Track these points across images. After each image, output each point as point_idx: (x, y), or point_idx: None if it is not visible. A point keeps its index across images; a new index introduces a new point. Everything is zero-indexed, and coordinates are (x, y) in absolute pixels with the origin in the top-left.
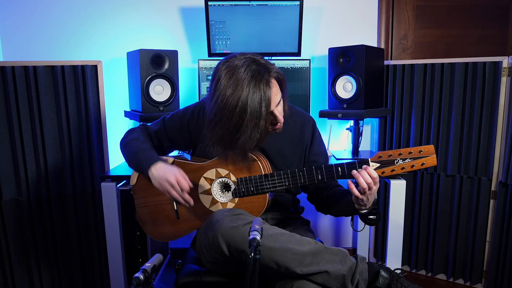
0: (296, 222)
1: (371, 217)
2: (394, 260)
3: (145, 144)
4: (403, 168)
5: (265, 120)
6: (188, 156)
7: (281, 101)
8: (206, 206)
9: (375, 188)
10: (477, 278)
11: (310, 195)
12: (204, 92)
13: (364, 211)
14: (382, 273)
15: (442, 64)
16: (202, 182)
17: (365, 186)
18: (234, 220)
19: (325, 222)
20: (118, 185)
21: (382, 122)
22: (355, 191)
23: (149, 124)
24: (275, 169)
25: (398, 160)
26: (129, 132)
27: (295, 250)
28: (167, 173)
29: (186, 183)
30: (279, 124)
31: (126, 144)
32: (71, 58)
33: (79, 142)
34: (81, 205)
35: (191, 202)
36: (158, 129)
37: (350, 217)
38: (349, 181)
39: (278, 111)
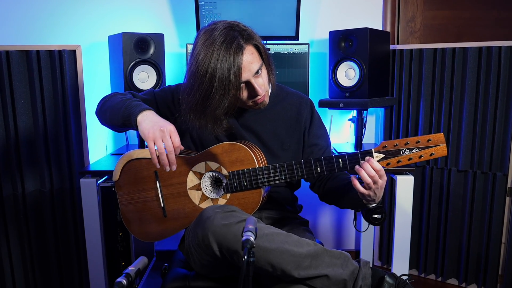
0: (294, 221)
1: (376, 216)
2: (400, 264)
3: (128, 95)
4: (410, 159)
5: (235, 89)
6: None
7: (262, 72)
8: (195, 202)
9: (381, 181)
10: (492, 283)
11: (313, 185)
12: None
13: (373, 205)
14: (387, 279)
15: (453, 48)
16: (191, 176)
17: (369, 180)
18: (226, 217)
19: (325, 222)
20: (98, 181)
21: (388, 112)
22: (360, 187)
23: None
24: (271, 154)
25: (405, 150)
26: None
27: (292, 251)
28: (161, 121)
29: (179, 142)
30: (259, 97)
31: (106, 100)
32: (47, 42)
33: (56, 134)
34: (58, 203)
35: (174, 165)
36: (148, 98)
37: (352, 217)
38: (352, 176)
39: (258, 83)
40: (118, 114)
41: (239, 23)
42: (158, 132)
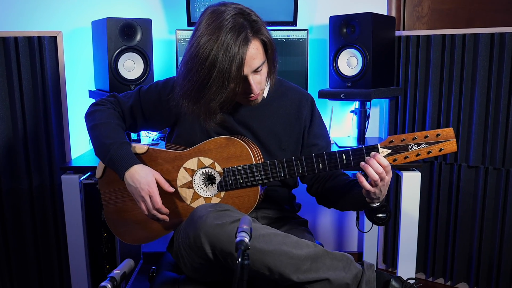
0: (292, 221)
1: (380, 215)
2: (407, 267)
3: (117, 133)
4: (418, 154)
5: (235, 83)
6: (163, 145)
7: (262, 70)
8: (186, 201)
9: (388, 178)
10: None
11: (310, 187)
12: None
13: (377, 204)
14: (393, 282)
15: (464, 35)
16: (182, 173)
17: (376, 177)
18: (220, 216)
19: (325, 222)
20: (81, 178)
21: (393, 103)
22: (366, 184)
23: (121, 94)
24: (267, 154)
25: (412, 146)
26: (97, 106)
27: (291, 253)
28: (142, 183)
29: (158, 199)
30: (252, 95)
31: (94, 127)
32: (25, 28)
33: (36, 128)
34: (38, 202)
35: (161, 218)
36: (133, 104)
37: (355, 217)
38: (358, 173)
39: (255, 79)
40: (104, 161)
41: (251, 11)
42: (139, 198)
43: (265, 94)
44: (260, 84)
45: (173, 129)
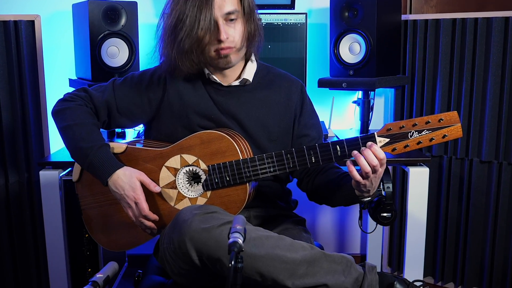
0: (288, 220)
1: (385, 214)
2: (414, 270)
3: (94, 135)
4: (419, 142)
5: (204, 23)
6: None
7: (236, 24)
8: (170, 203)
9: (381, 170)
10: None
11: (300, 181)
12: None
13: (367, 198)
14: (397, 285)
15: (476, 19)
16: (164, 173)
17: (368, 169)
18: (207, 220)
19: (325, 221)
20: (61, 174)
21: (399, 93)
22: (356, 174)
23: (92, 88)
24: (256, 146)
25: (413, 133)
26: (67, 103)
27: (285, 257)
28: (126, 189)
29: (145, 206)
30: (222, 45)
31: (67, 128)
32: (0, 12)
33: (11, 120)
34: (14, 199)
35: (154, 229)
36: (108, 98)
37: (357, 215)
38: (348, 161)
39: (226, 29)
40: (81, 163)
41: None
42: (126, 204)
43: (250, 77)
44: (232, 36)
45: (151, 125)
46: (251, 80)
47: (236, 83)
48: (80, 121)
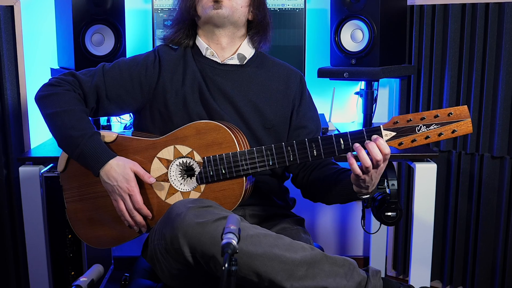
0: (285, 220)
1: (389, 214)
2: (420, 274)
3: (84, 122)
4: (427, 137)
5: None
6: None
7: None
8: (161, 197)
9: (383, 165)
10: None
11: (296, 176)
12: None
13: (365, 196)
14: None
15: (487, 4)
16: (156, 164)
17: (369, 163)
18: (201, 214)
19: (325, 220)
20: (42, 170)
21: (404, 84)
22: (356, 167)
23: (80, 72)
24: (250, 132)
25: (421, 127)
26: (53, 88)
27: (283, 257)
28: (119, 180)
29: (139, 198)
30: None
31: (54, 115)
32: None
33: None
34: None
35: (144, 228)
36: (97, 83)
37: (360, 215)
38: (349, 154)
39: None
40: (70, 153)
41: None
42: (118, 196)
43: (246, 54)
44: None
45: (141, 114)
46: (247, 57)
47: (234, 58)
48: (68, 108)
